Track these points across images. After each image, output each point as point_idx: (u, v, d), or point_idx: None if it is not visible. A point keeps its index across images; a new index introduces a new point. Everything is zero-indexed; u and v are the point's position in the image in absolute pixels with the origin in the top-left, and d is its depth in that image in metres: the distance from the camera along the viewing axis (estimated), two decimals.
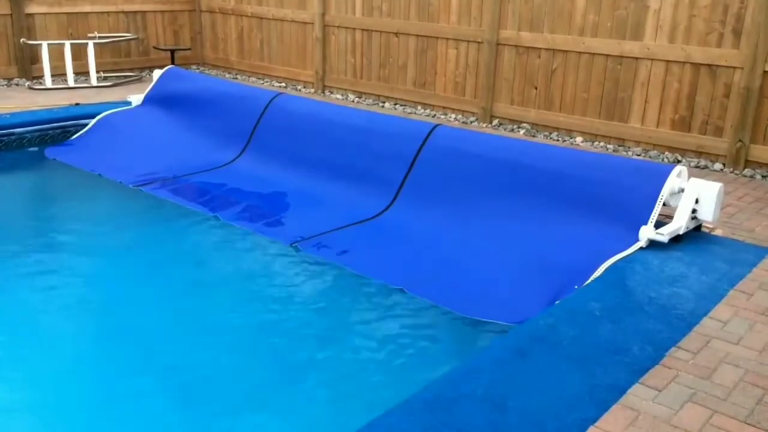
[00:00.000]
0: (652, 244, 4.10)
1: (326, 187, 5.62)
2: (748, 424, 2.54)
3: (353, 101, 8.75)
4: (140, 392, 3.10)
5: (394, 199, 5.29)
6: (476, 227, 4.73)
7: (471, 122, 7.71)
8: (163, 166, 6.19)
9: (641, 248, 4.07)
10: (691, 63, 6.23)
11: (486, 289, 4.10)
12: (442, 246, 4.61)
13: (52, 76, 8.81)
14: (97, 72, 9.23)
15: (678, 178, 4.35)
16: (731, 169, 6.09)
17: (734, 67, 5.99)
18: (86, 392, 3.12)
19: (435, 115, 8.04)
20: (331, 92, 9.17)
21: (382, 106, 8.46)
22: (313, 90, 9.34)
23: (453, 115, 7.94)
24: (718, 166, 6.16)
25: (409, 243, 4.73)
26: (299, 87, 9.52)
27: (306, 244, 4.71)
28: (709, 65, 6.13)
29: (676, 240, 4.18)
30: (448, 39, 7.83)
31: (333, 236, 4.84)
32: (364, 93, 8.82)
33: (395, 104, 8.47)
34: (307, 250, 4.64)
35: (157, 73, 7.46)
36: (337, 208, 5.29)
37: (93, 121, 6.89)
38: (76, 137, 6.80)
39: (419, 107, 8.26)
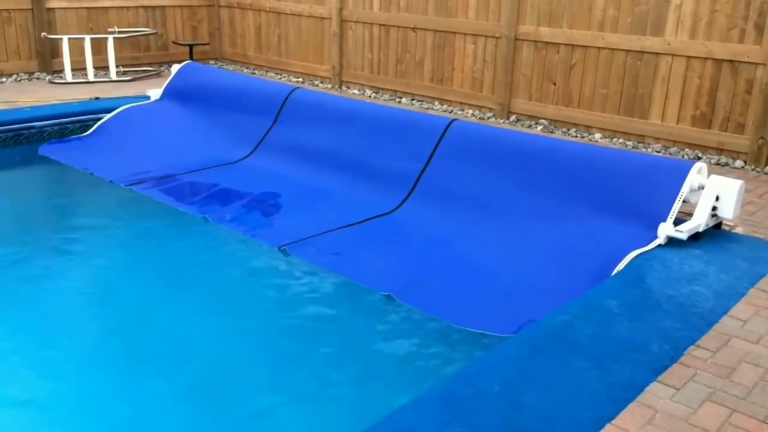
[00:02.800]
0: (671, 242, 4.06)
1: (335, 186, 5.46)
2: None
3: (370, 96, 8.74)
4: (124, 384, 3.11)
5: (407, 197, 5.18)
6: (488, 227, 4.63)
7: (488, 118, 7.68)
8: (163, 164, 5.97)
9: (660, 245, 4.03)
10: (712, 59, 6.15)
11: (487, 296, 3.89)
12: (450, 248, 4.45)
13: (72, 70, 8.89)
14: (117, 66, 9.30)
15: (698, 174, 4.30)
16: (753, 167, 6.01)
17: (756, 63, 5.91)
18: (79, 385, 3.12)
19: (452, 110, 8.01)
20: (348, 87, 9.17)
21: (399, 102, 8.45)
22: (330, 85, 9.34)
23: (470, 111, 7.90)
24: (739, 163, 6.09)
25: (411, 245, 4.53)
26: (316, 82, 9.53)
27: (296, 247, 4.47)
28: (730, 61, 6.05)
29: (696, 237, 4.13)
30: (465, 34, 7.79)
31: (328, 239, 4.59)
32: (381, 88, 8.81)
33: (412, 99, 8.45)
34: (296, 253, 4.39)
35: (175, 68, 7.50)
36: (342, 208, 5.09)
37: (107, 117, 6.88)
38: (88, 134, 6.75)
39: (436, 102, 8.23)
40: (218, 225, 4.86)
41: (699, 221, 4.13)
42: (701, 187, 4.26)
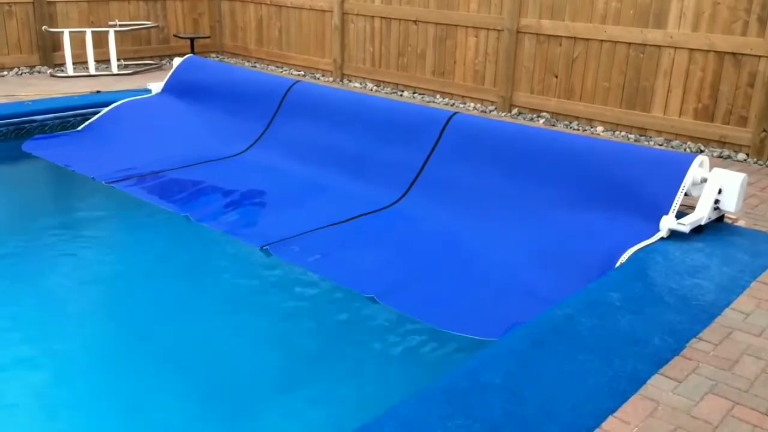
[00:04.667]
0: (673, 235, 4.06)
1: (332, 181, 5.34)
2: None
3: (372, 90, 8.72)
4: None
5: (406, 192, 5.09)
6: (486, 223, 4.56)
7: (490, 111, 7.66)
8: (152, 160, 5.79)
9: (662, 238, 4.02)
10: (715, 51, 6.13)
11: (475, 297, 3.78)
12: (444, 245, 4.35)
13: (74, 63, 8.87)
14: (118, 60, 9.28)
15: (700, 167, 4.29)
16: (755, 160, 6.01)
17: (759, 56, 5.89)
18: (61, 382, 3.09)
19: (454, 104, 7.99)
20: (350, 81, 9.15)
21: (401, 95, 8.43)
22: (331, 78, 9.32)
23: (472, 104, 7.89)
24: (741, 156, 6.07)
25: (402, 243, 4.40)
26: (318, 75, 9.51)
27: (279, 247, 4.30)
28: (733, 54, 6.04)
29: (698, 231, 4.13)
30: (467, 27, 7.77)
31: (315, 237, 4.43)
32: (383, 81, 8.79)
33: (414, 93, 8.44)
34: (278, 254, 4.23)
35: (176, 61, 7.49)
36: (335, 204, 4.96)
37: (102, 111, 6.82)
38: (79, 129, 6.68)
39: (438, 96, 8.22)
40: (199, 224, 4.66)
41: (701, 214, 4.13)
42: (703, 180, 4.25)
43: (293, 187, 5.35)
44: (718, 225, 4.31)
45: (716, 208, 4.25)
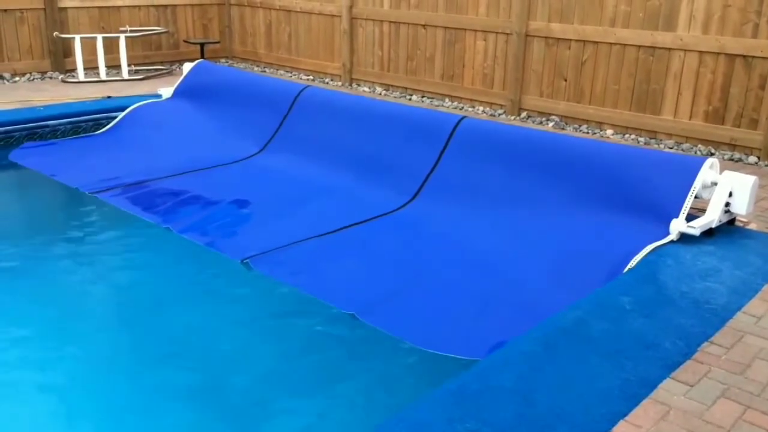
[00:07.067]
0: (684, 238, 4.04)
1: (335, 188, 5.21)
2: None
3: (380, 94, 8.74)
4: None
5: (412, 198, 5.03)
6: (492, 229, 4.49)
7: (499, 115, 7.66)
8: (145, 168, 5.60)
9: (672, 241, 4.01)
10: (725, 54, 6.10)
11: (462, 312, 3.61)
12: (439, 255, 4.21)
13: (85, 69, 8.94)
14: (129, 65, 9.34)
15: (710, 170, 4.28)
16: (766, 163, 5.97)
17: None
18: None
19: (462, 107, 8.00)
20: (359, 85, 9.18)
21: (410, 99, 8.44)
22: (340, 83, 9.34)
23: (481, 108, 7.89)
24: (752, 159, 6.04)
25: (393, 254, 4.22)
26: (327, 80, 9.54)
27: (261, 259, 4.12)
28: (744, 56, 6.01)
29: (709, 234, 4.11)
30: (476, 31, 7.78)
31: (301, 249, 4.24)
32: (392, 86, 8.80)
33: (422, 97, 8.45)
34: (260, 267, 4.05)
35: (187, 66, 7.53)
36: (330, 213, 4.78)
37: (119, 116, 6.84)
38: (98, 133, 6.71)
39: (447, 100, 8.22)
40: (181, 236, 4.47)
41: (712, 217, 4.11)
42: (714, 183, 4.24)
43: (296, 193, 5.19)
44: (729, 228, 4.29)
45: (727, 211, 4.23)
